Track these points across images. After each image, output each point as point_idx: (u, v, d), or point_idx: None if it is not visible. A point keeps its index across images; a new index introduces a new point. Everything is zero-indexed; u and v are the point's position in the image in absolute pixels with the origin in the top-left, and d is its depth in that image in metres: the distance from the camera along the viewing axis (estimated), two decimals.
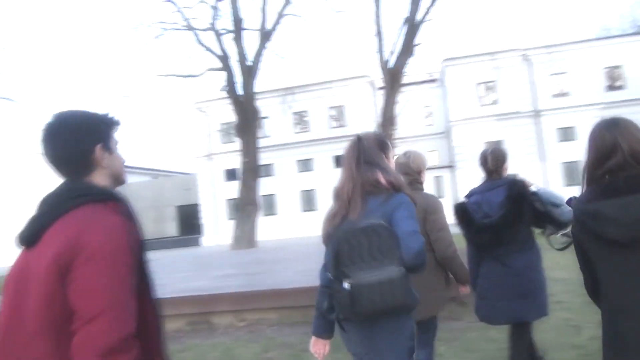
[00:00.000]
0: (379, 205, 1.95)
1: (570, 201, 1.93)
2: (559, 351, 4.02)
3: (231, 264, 9.86)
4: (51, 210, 1.28)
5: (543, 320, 4.62)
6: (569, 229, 2.83)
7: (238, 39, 16.96)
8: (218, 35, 17.36)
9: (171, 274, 8.92)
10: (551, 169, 26.07)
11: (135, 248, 1.31)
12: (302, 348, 4.70)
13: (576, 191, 2.40)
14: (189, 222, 33.80)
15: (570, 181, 24.85)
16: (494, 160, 3.23)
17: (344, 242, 1.81)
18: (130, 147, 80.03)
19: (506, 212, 2.85)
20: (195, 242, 31.17)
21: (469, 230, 3.18)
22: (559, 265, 7.92)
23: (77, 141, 1.36)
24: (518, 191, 2.98)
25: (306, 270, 7.64)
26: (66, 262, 1.18)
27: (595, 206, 1.65)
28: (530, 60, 26.14)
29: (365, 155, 2.10)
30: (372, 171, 2.04)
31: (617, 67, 26.12)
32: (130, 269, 1.26)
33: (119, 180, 1.50)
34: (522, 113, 26.48)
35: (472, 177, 29.28)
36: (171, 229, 34.46)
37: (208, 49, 17.38)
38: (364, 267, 1.76)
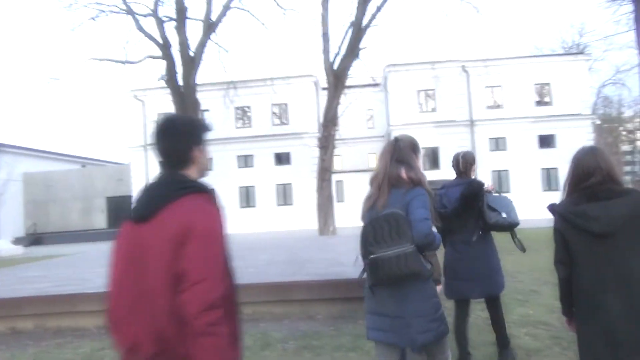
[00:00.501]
0: (400, 196, 2.47)
1: (552, 206, 2.45)
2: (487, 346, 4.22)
3: None
4: (163, 196, 1.66)
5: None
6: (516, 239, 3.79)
7: (181, 28, 16.42)
8: (160, 22, 16.72)
9: (97, 268, 8.47)
10: (482, 177, 27.40)
11: (224, 231, 1.73)
12: None
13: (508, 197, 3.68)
14: (120, 214, 32.15)
15: (499, 188, 26.20)
16: (464, 163, 3.82)
17: (370, 227, 2.41)
18: (58, 132, 75.29)
19: (457, 206, 3.24)
20: None
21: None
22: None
23: (182, 140, 1.76)
24: (472, 191, 3.57)
25: (239, 267, 7.53)
26: (181, 239, 1.57)
27: (581, 208, 2.26)
28: (468, 72, 27.36)
29: (399, 154, 2.60)
30: (399, 168, 2.55)
31: (546, 84, 27.94)
32: (224, 248, 1.73)
33: (203, 173, 1.88)
34: (458, 122, 27.67)
35: None
36: (100, 220, 32.78)
37: (149, 36, 16.69)
38: (384, 245, 2.32)
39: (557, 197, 2.52)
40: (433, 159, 27.64)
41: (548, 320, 5.03)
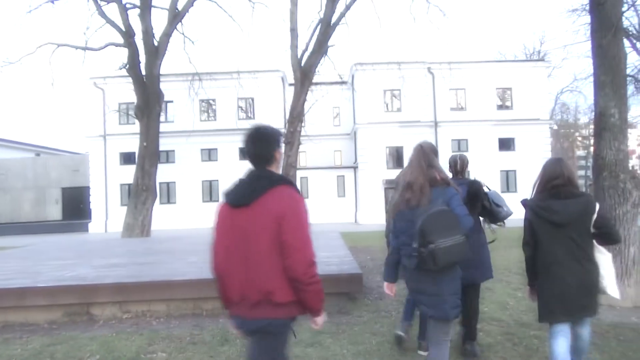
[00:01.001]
0: (438, 194, 2.96)
1: (524, 201, 3.24)
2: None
3: (119, 253, 9.24)
4: (261, 187, 2.25)
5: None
6: (499, 225, 4.18)
7: (145, 16, 15.94)
8: (123, 9, 16.18)
9: (49, 261, 8.17)
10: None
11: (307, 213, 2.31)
12: (190, 341, 4.56)
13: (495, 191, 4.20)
14: (76, 205, 31.21)
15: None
16: (461, 164, 4.28)
17: (427, 222, 2.82)
18: (11, 119, 71.93)
19: (464, 204, 3.40)
20: (81, 228, 28.86)
21: None
22: None
23: (268, 145, 2.36)
24: (475, 189, 3.98)
25: (199, 262, 7.42)
26: (280, 218, 2.17)
27: (547, 203, 3.11)
28: (433, 73, 27.85)
29: (426, 159, 3.11)
30: (431, 170, 3.05)
31: (507, 88, 28.80)
32: (309, 224, 2.28)
33: (279, 170, 2.44)
34: (422, 122, 28.16)
35: (372, 178, 30.42)
36: (55, 212, 31.55)
37: (111, 23, 16.13)
38: (440, 236, 2.79)
39: (516, 197, 3.29)
40: (397, 157, 28.04)
41: (501, 317, 5.21)
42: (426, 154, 3.14)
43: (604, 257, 3.16)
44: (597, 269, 3.11)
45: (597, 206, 3.10)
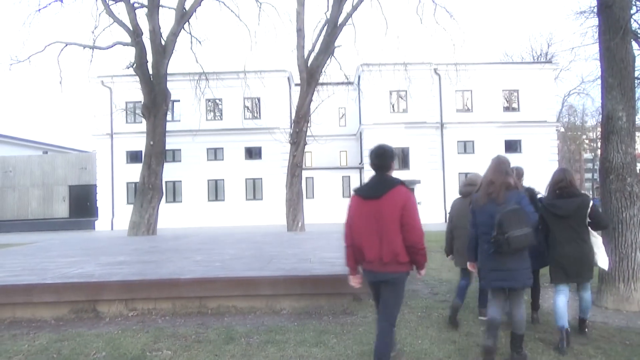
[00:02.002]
0: (512, 196, 3.92)
1: (540, 200, 4.68)
2: (440, 344, 4.32)
3: (126, 251, 9.29)
4: (386, 187, 3.40)
5: (425, 318, 4.96)
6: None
7: (152, 15, 16.02)
8: (131, 8, 16.26)
9: (56, 258, 8.23)
10: (449, 178, 27.97)
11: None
12: (195, 339, 4.58)
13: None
14: (83, 203, 31.38)
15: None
16: (517, 175, 4.92)
17: (504, 217, 3.77)
18: (19, 117, 72.47)
19: None
20: (88, 226, 29.02)
21: None
22: (445, 267, 8.53)
23: (389, 158, 3.53)
24: (530, 194, 4.79)
25: (205, 261, 7.46)
26: (402, 207, 3.31)
27: (553, 202, 4.45)
28: (440, 75, 27.76)
29: (504, 168, 4.05)
30: (507, 177, 4.01)
31: (514, 90, 28.69)
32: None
33: (392, 174, 3.58)
34: (428, 123, 28.11)
35: None
36: (62, 209, 31.75)
37: (119, 22, 16.22)
38: (514, 228, 3.75)
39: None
40: (403, 158, 28.00)
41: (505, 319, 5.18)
42: (504, 163, 4.08)
43: (596, 240, 4.54)
44: (590, 247, 4.43)
45: (591, 203, 4.41)
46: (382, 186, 3.42)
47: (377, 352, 3.38)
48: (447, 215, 5.94)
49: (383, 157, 3.50)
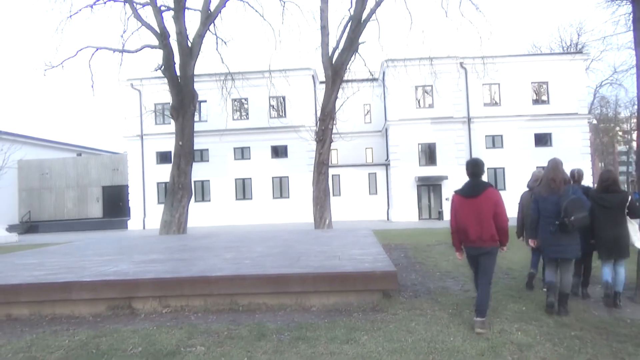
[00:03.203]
0: (568, 189, 5.18)
1: (590, 193, 5.74)
2: (472, 341, 4.27)
3: (158, 249, 9.52)
4: (481, 188, 4.85)
5: (456, 315, 4.91)
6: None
7: (179, 18, 16.31)
8: (158, 11, 16.60)
9: (92, 257, 8.49)
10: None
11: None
12: (228, 335, 4.66)
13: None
14: (115, 203, 32.23)
15: (495, 185, 26.20)
16: (578, 175, 6.16)
17: (569, 204, 5.03)
18: (54, 120, 74.81)
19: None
20: (121, 225, 29.80)
21: None
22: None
23: (483, 168, 4.98)
24: (585, 191, 5.72)
25: (235, 259, 7.57)
26: (494, 204, 4.76)
27: (600, 195, 5.68)
28: (466, 69, 27.33)
29: (560, 168, 5.31)
30: (564, 174, 5.33)
31: (543, 82, 27.97)
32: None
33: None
34: (455, 118, 27.69)
35: (404, 175, 29.93)
36: (96, 210, 32.68)
37: (146, 25, 16.57)
38: (576, 212, 5.00)
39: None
40: (429, 154, 27.69)
41: (540, 316, 5.10)
42: (561, 164, 5.35)
43: (632, 226, 5.66)
44: (627, 231, 5.61)
45: (630, 197, 5.61)
46: (479, 188, 4.83)
47: (479, 303, 4.69)
48: (518, 205, 7.02)
49: (477, 167, 4.90)
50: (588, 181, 22.99)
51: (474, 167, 4.89)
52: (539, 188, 5.44)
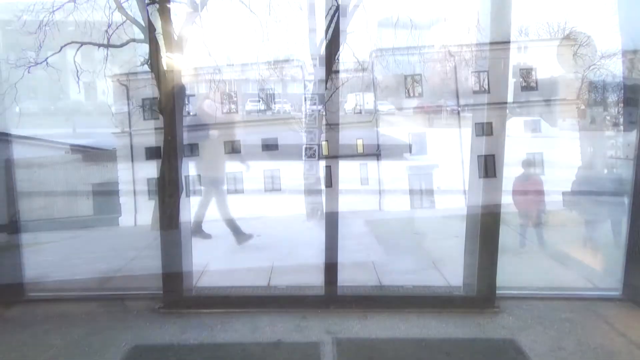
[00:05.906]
0: None
1: None
2: None
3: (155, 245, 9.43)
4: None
5: None
6: None
7: (164, 11, 16.05)
8: (143, 4, 16.32)
9: (83, 254, 8.41)
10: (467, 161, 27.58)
11: None
12: None
13: None
14: (106, 201, 31.95)
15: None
16: None
17: None
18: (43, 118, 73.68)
19: None
20: (112, 222, 29.44)
21: None
22: None
23: None
24: None
25: None
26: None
27: None
28: (454, 56, 27.30)
29: None
30: None
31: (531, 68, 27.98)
32: None
33: None
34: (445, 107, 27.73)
35: (393, 166, 29.57)
36: (86, 207, 32.39)
37: (131, 19, 16.28)
38: None
39: None
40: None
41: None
42: None
43: None
44: None
45: None
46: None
47: None
48: None
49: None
50: None
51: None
52: None
